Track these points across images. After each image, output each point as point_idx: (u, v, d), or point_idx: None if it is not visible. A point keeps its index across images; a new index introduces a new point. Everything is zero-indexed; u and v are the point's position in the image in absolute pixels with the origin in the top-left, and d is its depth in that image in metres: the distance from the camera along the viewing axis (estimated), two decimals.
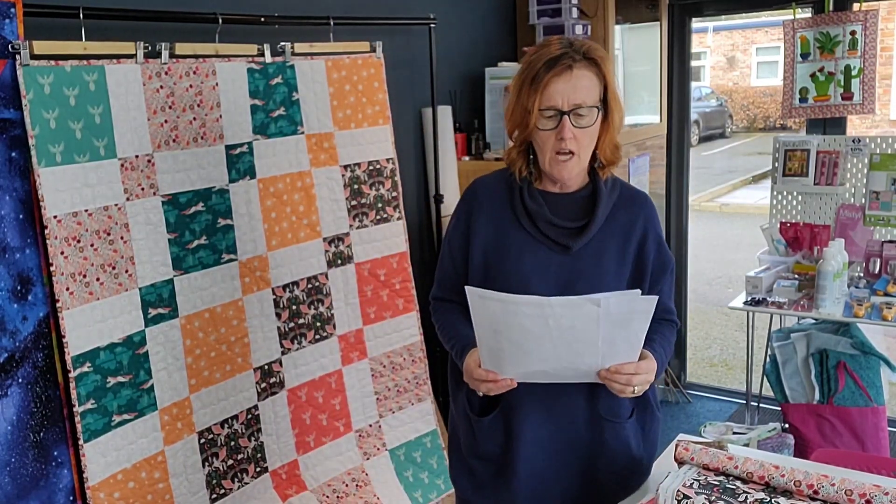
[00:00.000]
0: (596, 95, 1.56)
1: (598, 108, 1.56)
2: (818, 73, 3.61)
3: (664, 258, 1.67)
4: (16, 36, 1.82)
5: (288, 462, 2.45)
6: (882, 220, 3.49)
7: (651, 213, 1.69)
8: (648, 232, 1.65)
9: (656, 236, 1.67)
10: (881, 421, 3.29)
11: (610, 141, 1.64)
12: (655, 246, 1.66)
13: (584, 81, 1.53)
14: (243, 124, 2.30)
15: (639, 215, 1.65)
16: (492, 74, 3.22)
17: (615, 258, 1.62)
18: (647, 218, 1.66)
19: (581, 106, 1.53)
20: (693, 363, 5.10)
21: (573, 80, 1.52)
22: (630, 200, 1.67)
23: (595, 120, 1.56)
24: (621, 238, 1.63)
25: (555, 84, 1.52)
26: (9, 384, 1.84)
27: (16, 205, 1.85)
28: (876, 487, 1.29)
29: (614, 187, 1.68)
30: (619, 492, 1.69)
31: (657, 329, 1.62)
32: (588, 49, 1.55)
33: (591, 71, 1.55)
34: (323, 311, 2.55)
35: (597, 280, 1.59)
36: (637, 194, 1.71)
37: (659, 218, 1.73)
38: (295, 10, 2.54)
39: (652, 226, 1.67)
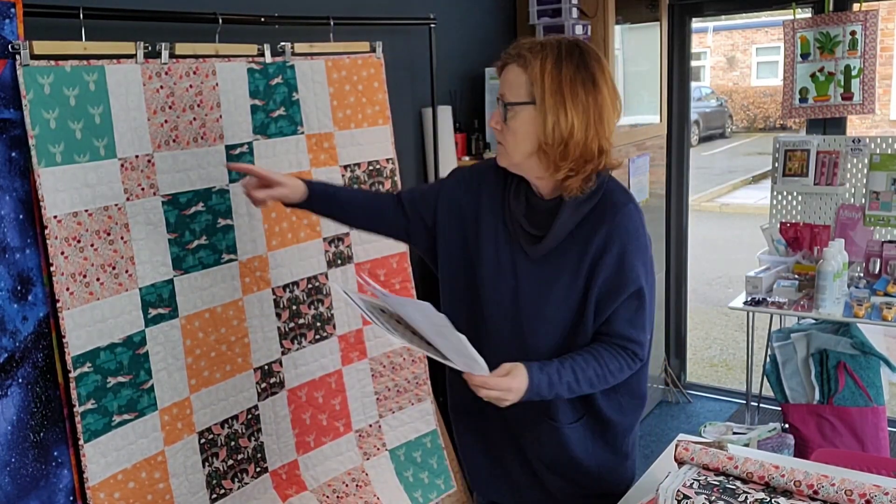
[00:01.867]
0: (522, 93, 1.53)
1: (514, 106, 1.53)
2: (818, 74, 3.61)
3: (622, 278, 1.57)
4: (16, 36, 1.82)
5: (288, 462, 2.45)
6: (882, 220, 3.49)
7: (618, 226, 1.57)
8: (609, 248, 1.56)
9: (618, 256, 1.56)
10: (881, 421, 3.29)
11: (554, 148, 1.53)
12: (613, 266, 1.57)
13: (510, 77, 1.55)
14: (243, 124, 2.30)
15: (601, 230, 1.57)
16: (492, 74, 3.22)
17: (570, 272, 1.59)
18: (609, 234, 1.56)
19: (503, 100, 1.55)
20: (693, 363, 5.11)
21: (503, 76, 1.57)
22: (605, 210, 1.58)
23: (517, 117, 1.53)
24: (579, 252, 1.58)
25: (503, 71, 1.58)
26: (9, 384, 1.84)
27: (16, 205, 1.85)
28: (876, 487, 1.29)
29: (592, 197, 1.59)
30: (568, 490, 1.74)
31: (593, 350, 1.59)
32: (518, 47, 1.56)
33: (521, 68, 1.53)
34: (323, 311, 2.55)
35: (545, 289, 1.60)
36: (614, 203, 1.59)
37: (637, 234, 1.59)
38: (295, 10, 2.54)
39: (614, 243, 1.56)
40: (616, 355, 1.60)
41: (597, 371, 1.57)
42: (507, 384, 1.49)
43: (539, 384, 1.51)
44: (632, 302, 1.59)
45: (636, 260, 1.58)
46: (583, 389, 1.57)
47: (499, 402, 1.50)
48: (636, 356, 1.62)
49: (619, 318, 1.59)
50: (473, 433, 1.83)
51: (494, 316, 1.67)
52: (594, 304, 1.58)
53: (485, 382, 1.48)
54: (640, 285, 1.58)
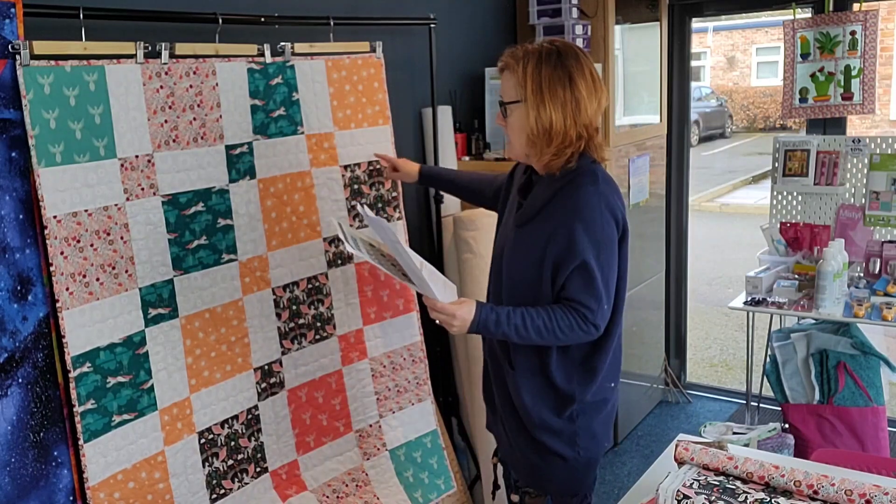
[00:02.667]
0: (513, 94, 1.81)
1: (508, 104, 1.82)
2: (818, 73, 3.61)
3: (571, 251, 1.77)
4: (16, 36, 1.82)
5: (288, 462, 2.45)
6: (882, 220, 3.49)
7: (577, 204, 1.77)
8: (563, 223, 1.78)
9: (569, 231, 1.77)
10: (881, 421, 3.29)
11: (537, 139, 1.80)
12: (564, 239, 1.77)
13: (504, 80, 1.84)
14: (243, 124, 2.30)
15: (565, 204, 1.79)
16: (492, 74, 3.22)
17: (534, 239, 1.83)
18: (566, 210, 1.78)
19: (501, 100, 1.85)
20: (693, 363, 5.11)
21: (502, 80, 1.86)
22: (569, 190, 1.80)
23: (512, 114, 1.82)
24: (543, 223, 1.82)
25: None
26: (9, 384, 1.84)
27: (16, 205, 1.85)
28: (876, 487, 1.29)
29: (562, 178, 1.82)
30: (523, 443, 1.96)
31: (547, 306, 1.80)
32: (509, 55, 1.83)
33: (511, 73, 1.81)
34: (323, 311, 2.55)
35: (517, 253, 1.87)
36: (577, 184, 1.80)
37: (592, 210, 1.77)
38: (295, 10, 2.54)
39: (567, 218, 1.77)
40: (567, 314, 1.79)
41: (546, 323, 1.77)
42: (453, 310, 1.76)
43: (486, 319, 1.76)
44: (581, 273, 1.78)
45: (585, 236, 1.76)
46: (531, 336, 1.78)
47: (447, 326, 1.77)
48: (586, 319, 1.79)
49: (572, 285, 1.79)
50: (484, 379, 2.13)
51: (493, 270, 1.99)
52: (549, 271, 1.80)
53: (433, 305, 1.77)
54: (585, 259, 1.77)
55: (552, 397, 1.91)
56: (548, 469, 1.96)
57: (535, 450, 1.95)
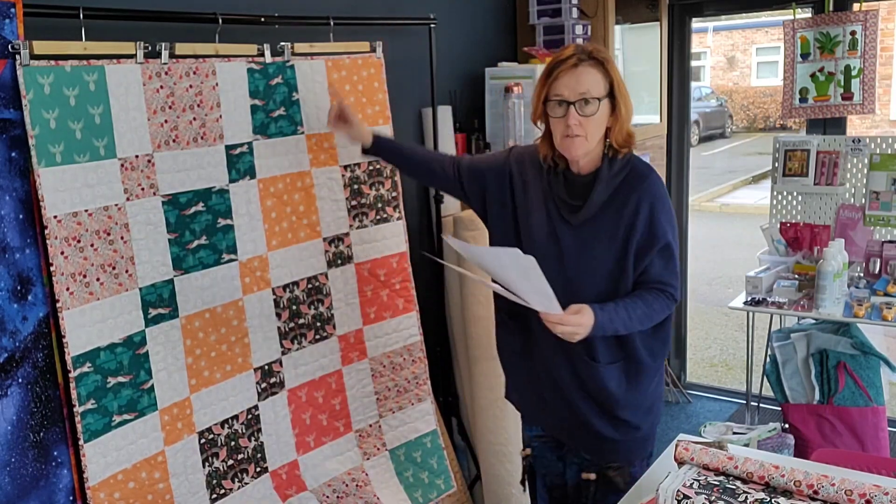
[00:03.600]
0: (601, 89, 1.83)
1: (599, 100, 1.82)
2: (818, 73, 3.61)
3: (653, 237, 1.87)
4: (16, 36, 1.82)
5: (288, 462, 2.45)
6: (882, 220, 3.49)
7: (648, 191, 1.88)
8: (640, 210, 1.86)
9: (648, 217, 1.87)
10: (881, 421, 3.29)
11: (620, 130, 1.88)
12: (645, 225, 1.87)
13: (589, 77, 1.82)
14: (243, 124, 2.30)
15: (634, 194, 1.87)
16: (492, 74, 3.22)
17: (608, 233, 1.88)
18: (640, 197, 1.87)
19: (585, 95, 1.81)
20: (693, 363, 5.10)
21: (577, 75, 1.82)
22: (633, 180, 1.89)
23: (598, 109, 1.83)
24: (615, 216, 1.88)
25: (563, 78, 1.83)
26: (9, 384, 1.84)
27: (16, 205, 1.85)
28: (876, 487, 1.29)
29: (623, 168, 1.90)
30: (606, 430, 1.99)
31: (638, 294, 1.89)
32: (593, 51, 1.85)
33: (597, 69, 1.84)
34: (323, 311, 2.55)
35: (588, 251, 1.90)
36: (640, 174, 1.90)
37: (662, 198, 1.90)
38: (295, 10, 2.54)
39: (643, 207, 1.87)
40: (657, 296, 1.89)
41: (644, 310, 1.87)
42: (579, 321, 1.78)
43: (602, 321, 1.80)
44: (663, 254, 1.89)
45: (663, 219, 1.88)
46: (634, 326, 1.87)
47: (571, 336, 1.78)
48: (673, 297, 1.92)
49: (655, 268, 1.89)
50: (520, 373, 2.13)
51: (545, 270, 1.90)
52: (633, 258, 1.88)
53: (561, 319, 1.76)
54: (668, 240, 1.89)
55: (638, 376, 1.98)
56: (626, 441, 2.03)
57: (615, 427, 2.01)
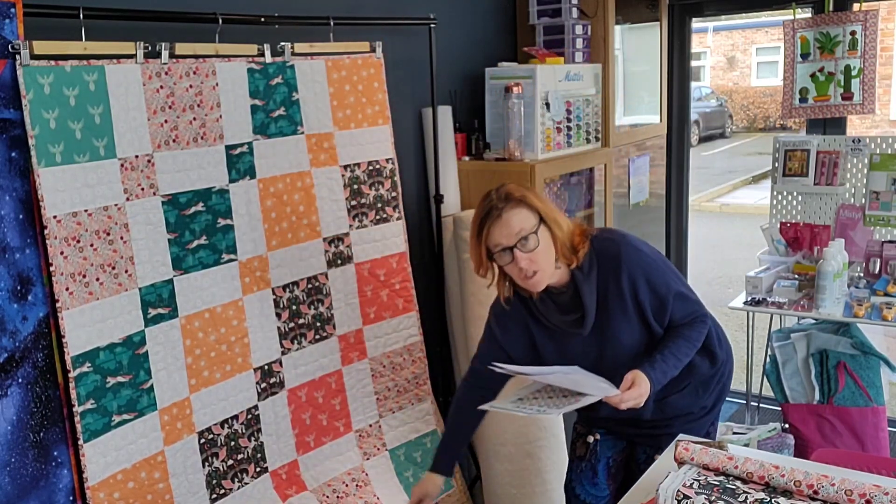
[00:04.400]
0: (532, 222, 1.90)
1: (535, 233, 1.89)
2: (818, 73, 3.61)
3: (659, 296, 1.98)
4: (16, 36, 1.82)
5: (288, 462, 2.45)
6: (882, 220, 3.49)
7: (629, 265, 1.96)
8: (636, 281, 1.96)
9: (645, 281, 1.96)
10: (881, 421, 3.29)
11: (563, 244, 1.95)
12: (647, 289, 1.97)
13: (516, 218, 1.89)
14: (243, 124, 2.30)
15: (621, 273, 1.95)
16: (492, 74, 3.22)
17: (620, 319, 1.98)
18: (628, 272, 1.95)
19: (521, 235, 1.88)
20: None
21: (505, 222, 1.89)
22: (608, 263, 1.97)
23: (538, 242, 1.89)
24: (618, 300, 1.97)
25: (494, 229, 1.90)
26: (9, 384, 1.84)
27: (16, 205, 1.85)
28: (876, 487, 1.29)
29: (591, 264, 1.98)
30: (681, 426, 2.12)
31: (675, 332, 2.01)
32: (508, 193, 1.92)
33: (519, 207, 1.91)
34: (323, 311, 2.55)
35: (616, 342, 2.00)
36: (611, 255, 1.97)
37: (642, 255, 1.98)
38: (295, 10, 2.54)
39: (637, 274, 1.96)
40: (691, 327, 2.03)
41: (686, 345, 2.00)
42: (638, 392, 1.86)
43: (657, 378, 1.91)
44: (677, 302, 2.01)
45: (657, 277, 1.98)
46: (683, 362, 1.99)
47: (637, 405, 1.87)
48: (703, 320, 2.06)
49: (676, 313, 2.01)
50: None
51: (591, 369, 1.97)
52: (653, 319, 2.00)
53: (622, 399, 1.85)
54: (673, 287, 2.00)
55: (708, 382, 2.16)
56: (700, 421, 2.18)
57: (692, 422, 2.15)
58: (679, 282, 2.04)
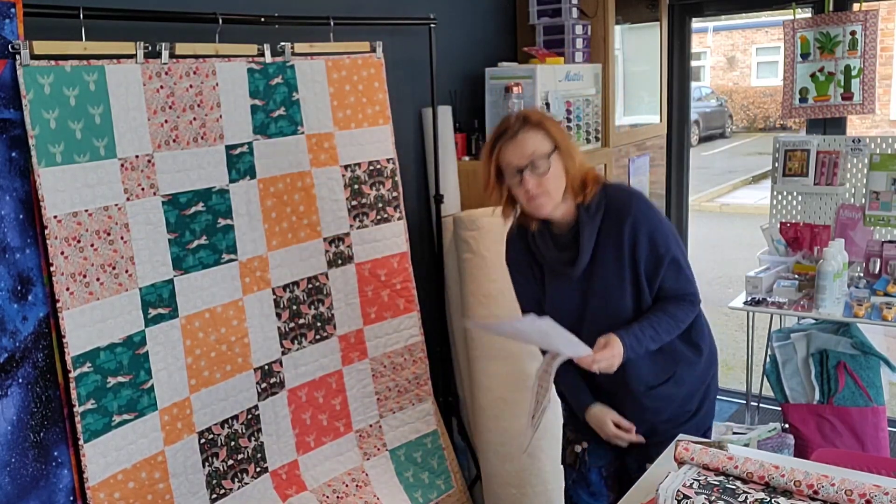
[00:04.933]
0: (546, 147, 1.89)
1: (548, 157, 1.89)
2: (818, 73, 3.61)
3: (657, 256, 1.94)
4: (16, 36, 1.82)
5: (288, 462, 2.45)
6: (882, 220, 3.49)
7: (636, 216, 1.93)
8: (638, 234, 1.93)
9: (648, 237, 1.93)
10: (881, 421, 3.29)
11: (574, 177, 1.94)
12: (647, 246, 1.93)
13: (530, 141, 1.89)
14: (243, 124, 2.30)
15: (625, 223, 1.93)
16: (492, 74, 3.22)
17: (614, 270, 1.95)
18: (633, 223, 1.93)
19: (535, 158, 1.88)
20: None
21: (520, 143, 1.89)
22: (616, 212, 1.94)
23: (549, 167, 1.89)
24: (615, 250, 1.94)
25: (507, 148, 1.90)
26: (9, 384, 1.84)
27: (16, 205, 1.85)
28: (876, 487, 1.29)
29: (599, 207, 1.95)
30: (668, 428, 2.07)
31: (660, 306, 1.98)
32: (528, 115, 1.93)
33: (536, 131, 1.91)
34: (323, 311, 2.55)
35: (602, 295, 1.97)
36: (621, 204, 1.95)
37: (652, 214, 1.96)
38: (295, 10, 2.54)
39: (641, 227, 1.93)
40: (679, 304, 1.99)
41: (669, 321, 1.96)
42: (609, 353, 1.86)
43: (631, 345, 1.89)
44: (671, 267, 1.96)
45: (659, 237, 1.94)
46: (663, 338, 1.95)
47: (609, 368, 1.87)
48: (693, 301, 2.02)
49: (668, 282, 1.97)
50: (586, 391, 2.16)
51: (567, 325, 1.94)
52: (645, 279, 1.96)
53: (594, 359, 1.85)
54: (674, 253, 1.96)
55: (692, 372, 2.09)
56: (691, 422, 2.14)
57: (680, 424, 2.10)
58: (680, 252, 2.01)
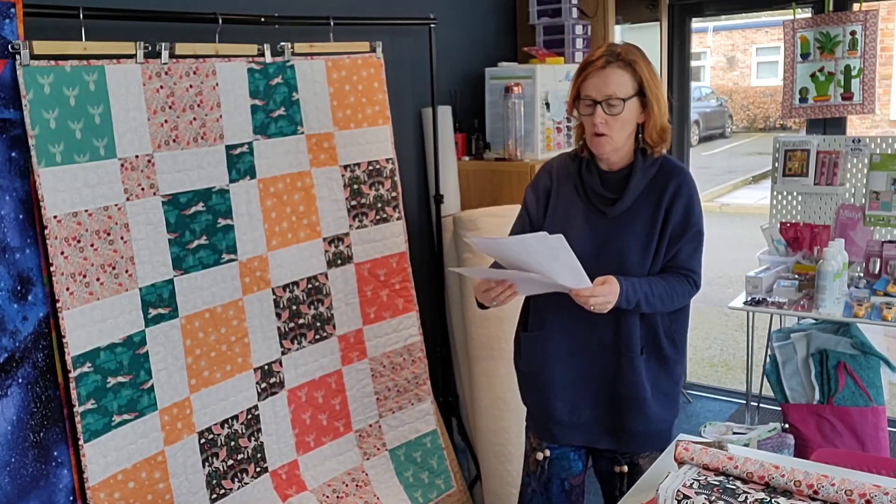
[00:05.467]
0: (628, 89, 1.89)
1: (624, 101, 1.88)
2: (818, 73, 3.61)
3: (688, 222, 1.97)
4: (16, 36, 1.82)
5: (288, 462, 2.45)
6: (882, 220, 3.49)
7: (682, 184, 1.97)
8: (676, 199, 1.95)
9: (685, 204, 1.96)
10: (881, 421, 3.29)
11: (653, 126, 1.95)
12: (682, 211, 1.96)
13: (616, 78, 1.88)
14: (243, 124, 2.30)
15: (669, 186, 1.96)
16: (492, 74, 3.22)
17: (646, 223, 1.96)
18: (677, 187, 1.96)
19: (611, 97, 1.87)
20: (693, 363, 5.10)
21: (605, 77, 1.88)
22: (667, 174, 1.97)
23: (623, 110, 1.88)
24: (653, 206, 1.96)
25: (591, 78, 1.90)
26: (9, 384, 1.84)
27: (16, 205, 1.85)
28: (876, 487, 1.29)
29: (654, 164, 1.98)
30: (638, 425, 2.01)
31: (661, 275, 1.97)
32: (623, 51, 1.90)
33: (625, 70, 1.89)
34: (323, 311, 2.55)
35: (628, 241, 1.96)
36: (674, 169, 1.99)
37: (695, 190, 2.00)
38: (295, 10, 2.54)
39: (682, 194, 1.96)
40: (680, 280, 1.98)
41: (666, 289, 1.94)
42: (608, 290, 1.84)
43: (627, 291, 1.87)
44: (693, 240, 1.99)
45: (698, 208, 1.99)
46: (655, 303, 1.93)
47: (603, 306, 1.84)
48: (695, 283, 2.02)
49: (683, 253, 1.98)
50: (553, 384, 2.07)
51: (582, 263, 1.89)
52: (667, 242, 1.97)
53: (593, 291, 1.82)
54: (701, 227, 1.99)
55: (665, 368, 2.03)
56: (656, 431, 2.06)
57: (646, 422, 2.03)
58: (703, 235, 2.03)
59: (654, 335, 2.01)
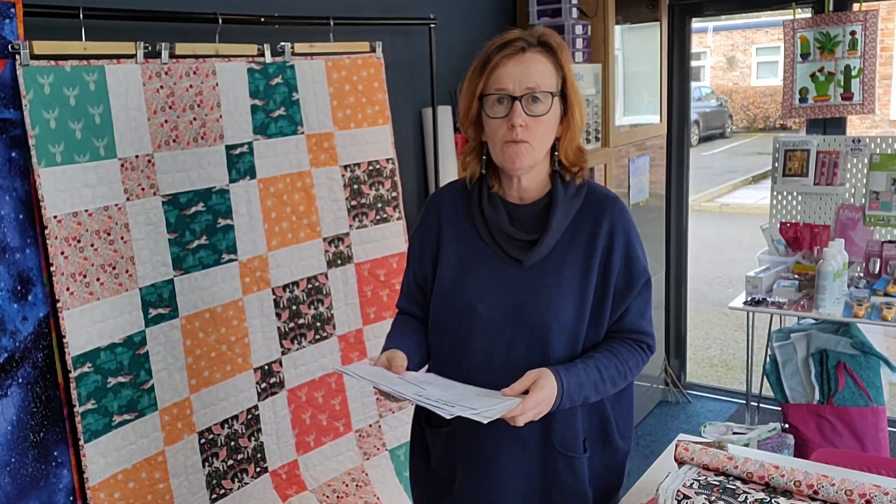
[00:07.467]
0: (552, 83, 1.46)
1: (551, 96, 1.44)
2: (818, 73, 3.61)
3: (632, 272, 1.51)
4: (16, 36, 1.82)
5: (288, 462, 2.45)
6: (882, 220, 3.49)
7: (619, 219, 1.51)
8: (615, 242, 1.50)
9: (624, 247, 1.51)
10: (881, 421, 3.29)
11: (571, 140, 1.51)
12: (622, 259, 1.51)
13: (539, 67, 1.44)
14: (243, 124, 2.30)
15: (603, 222, 1.50)
16: None
17: (577, 272, 1.49)
18: (612, 226, 1.50)
19: (535, 90, 1.43)
20: (693, 363, 5.11)
21: (525, 63, 1.43)
22: (596, 207, 1.52)
23: (550, 108, 1.44)
24: (583, 250, 1.50)
25: (505, 66, 1.43)
26: (9, 384, 1.84)
27: (16, 205, 1.85)
28: (876, 487, 1.29)
29: (578, 193, 1.53)
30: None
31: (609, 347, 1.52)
32: (544, 34, 1.47)
33: (548, 58, 1.46)
34: (323, 311, 2.55)
35: (553, 299, 1.48)
36: (604, 199, 1.53)
37: (632, 224, 1.55)
38: (295, 10, 2.54)
39: (619, 235, 1.51)
40: (633, 350, 1.53)
41: (618, 368, 1.49)
42: (541, 398, 1.36)
43: (568, 389, 1.40)
44: (643, 294, 1.53)
45: (640, 248, 1.54)
46: (607, 390, 1.49)
47: (535, 417, 1.38)
48: (649, 348, 1.56)
49: (633, 312, 1.53)
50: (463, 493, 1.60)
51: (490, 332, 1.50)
52: (610, 300, 1.51)
53: (522, 409, 1.33)
54: (648, 274, 1.53)
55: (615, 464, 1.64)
56: None
57: None
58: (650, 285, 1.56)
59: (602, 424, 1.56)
